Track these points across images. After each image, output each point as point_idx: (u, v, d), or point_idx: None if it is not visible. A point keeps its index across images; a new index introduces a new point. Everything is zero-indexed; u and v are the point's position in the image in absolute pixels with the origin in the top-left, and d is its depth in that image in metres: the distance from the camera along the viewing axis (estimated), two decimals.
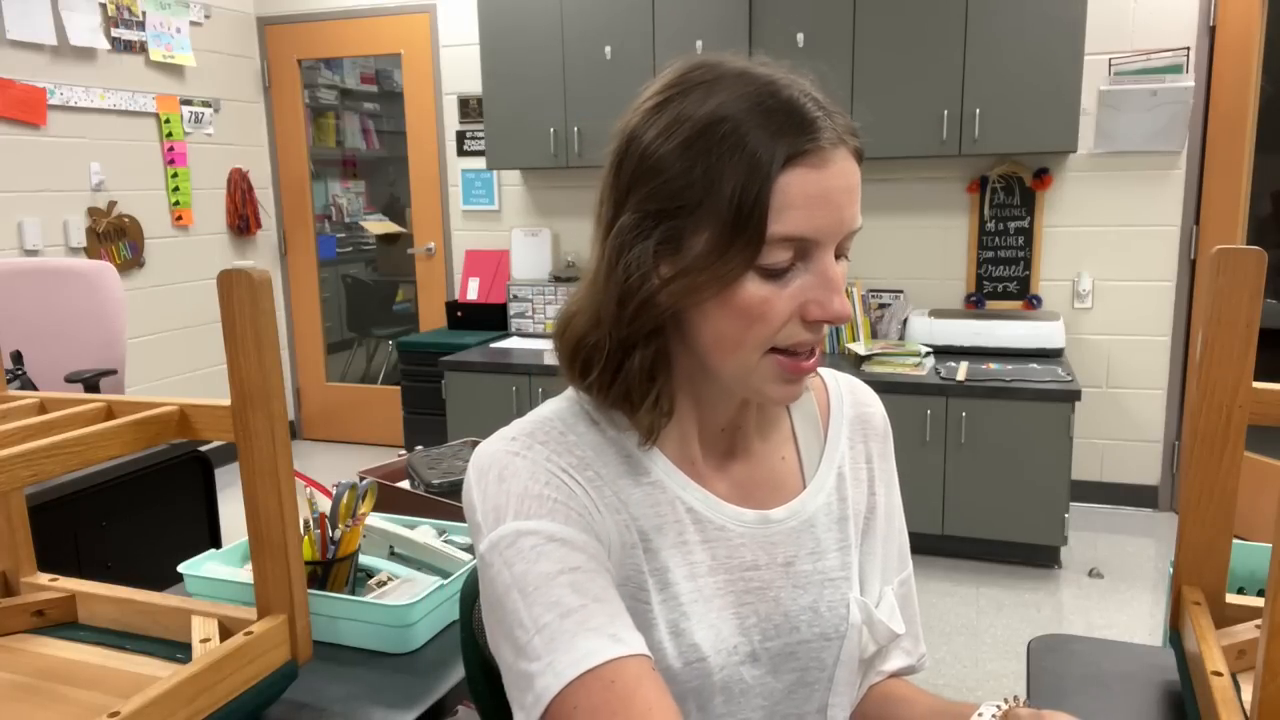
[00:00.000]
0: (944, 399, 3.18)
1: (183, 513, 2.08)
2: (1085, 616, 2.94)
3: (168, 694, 0.85)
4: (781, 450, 0.84)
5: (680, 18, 3.60)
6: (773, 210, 0.66)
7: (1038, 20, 3.22)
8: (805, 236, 0.67)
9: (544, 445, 0.73)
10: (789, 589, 0.78)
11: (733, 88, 0.68)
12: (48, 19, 3.68)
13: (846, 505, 0.83)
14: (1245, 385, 0.88)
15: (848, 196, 0.69)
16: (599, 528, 0.71)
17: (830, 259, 0.69)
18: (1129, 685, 0.99)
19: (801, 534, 0.80)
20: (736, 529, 0.78)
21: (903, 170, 3.78)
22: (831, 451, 0.85)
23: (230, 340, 0.94)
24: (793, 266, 0.69)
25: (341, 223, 5.46)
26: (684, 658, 0.73)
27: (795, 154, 0.66)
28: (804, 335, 0.71)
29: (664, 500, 0.76)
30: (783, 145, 0.66)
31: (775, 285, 0.68)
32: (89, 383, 2.54)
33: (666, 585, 0.74)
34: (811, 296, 0.69)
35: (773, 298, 0.68)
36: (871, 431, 0.88)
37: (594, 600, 0.64)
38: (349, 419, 5.03)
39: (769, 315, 0.69)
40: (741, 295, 0.68)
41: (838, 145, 0.68)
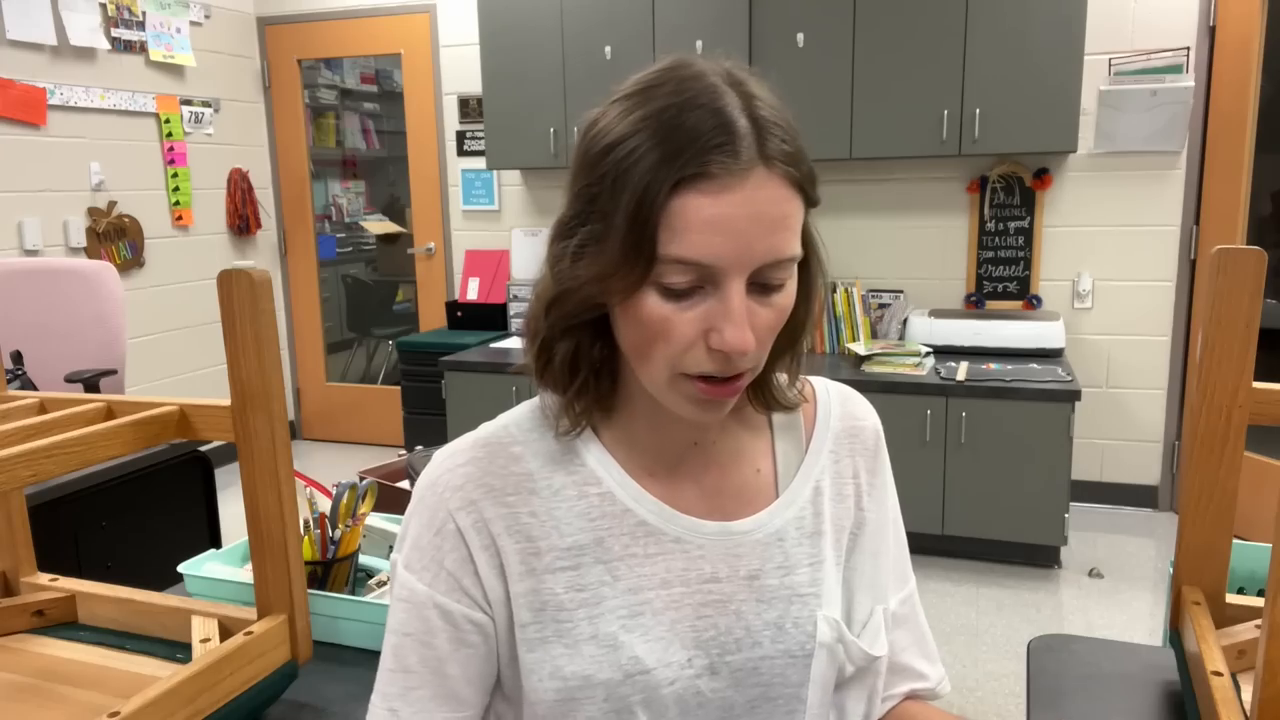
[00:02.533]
0: (944, 399, 3.18)
1: (183, 513, 2.08)
2: (1085, 616, 2.94)
3: (168, 694, 0.85)
4: (757, 463, 0.81)
5: (680, 18, 3.60)
6: (668, 230, 0.64)
7: (1038, 20, 3.22)
8: (700, 262, 0.64)
9: (482, 460, 0.76)
10: (753, 603, 0.76)
11: (668, 95, 0.66)
12: (48, 19, 3.68)
13: (823, 520, 0.80)
14: (1245, 385, 0.88)
15: (761, 225, 0.64)
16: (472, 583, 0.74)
17: (735, 288, 0.65)
18: (1129, 685, 0.99)
19: (769, 547, 0.77)
20: (695, 540, 0.76)
21: (903, 170, 3.78)
22: (810, 465, 0.82)
23: (230, 340, 0.94)
24: (698, 289, 0.66)
25: (341, 223, 5.47)
26: (624, 670, 0.72)
27: (688, 177, 0.63)
28: (710, 364, 0.67)
29: (613, 511, 0.75)
30: (677, 166, 0.63)
31: (676, 306, 0.66)
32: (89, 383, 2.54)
33: (601, 600, 0.73)
34: (713, 324, 0.66)
35: (673, 318, 0.66)
36: (860, 445, 0.84)
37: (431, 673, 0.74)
38: (349, 419, 5.03)
39: (669, 335, 0.67)
40: (643, 309, 0.67)
41: (757, 167, 0.64)
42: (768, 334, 0.69)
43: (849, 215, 3.89)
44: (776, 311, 0.69)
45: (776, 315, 0.69)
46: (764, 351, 0.70)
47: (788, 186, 0.67)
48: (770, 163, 0.65)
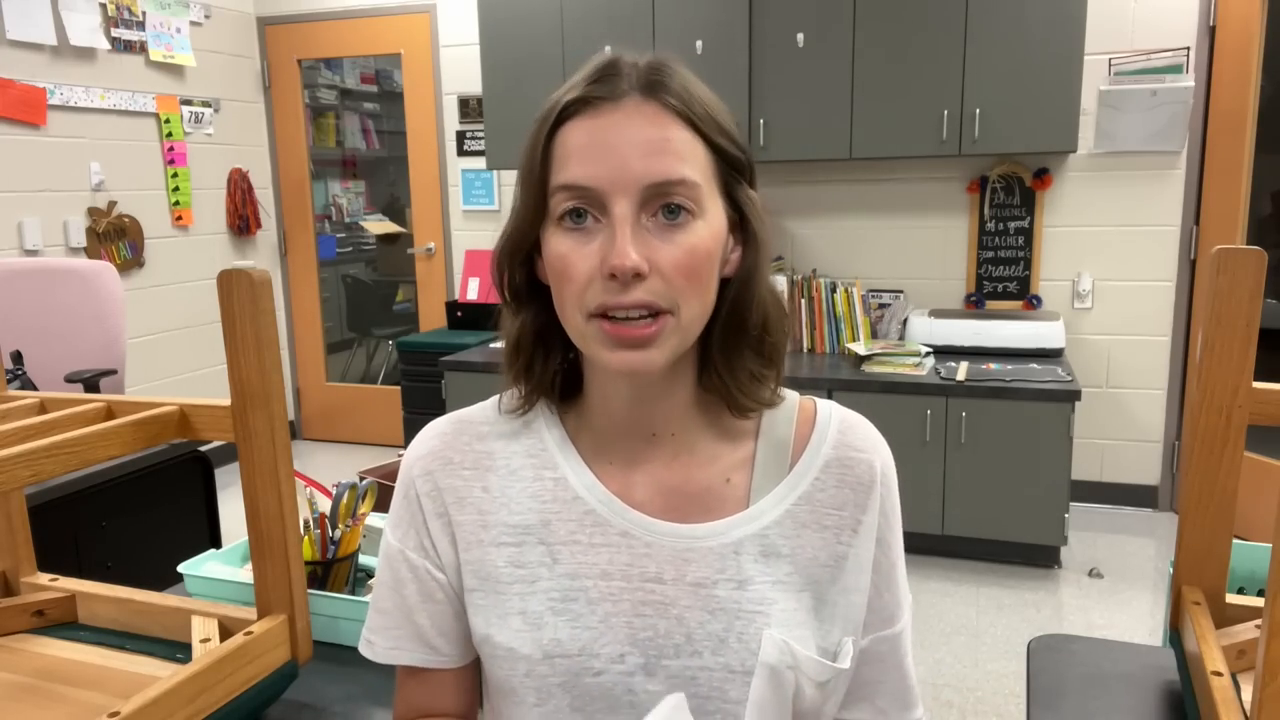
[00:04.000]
0: (944, 399, 3.18)
1: (183, 513, 2.08)
2: (1085, 616, 2.94)
3: (168, 694, 0.85)
4: (730, 472, 0.78)
5: (680, 18, 3.60)
6: (555, 162, 0.70)
7: (1038, 20, 3.22)
8: (580, 184, 0.68)
9: (447, 435, 0.82)
10: (697, 610, 0.74)
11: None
12: (48, 19, 3.68)
13: (787, 544, 0.76)
14: (1245, 385, 0.88)
15: (639, 147, 0.68)
16: (429, 544, 0.80)
17: (620, 210, 0.68)
18: (1129, 685, 0.99)
19: (723, 558, 0.75)
20: (643, 537, 0.76)
21: (903, 170, 3.78)
22: (789, 487, 0.78)
23: (230, 340, 0.94)
24: (590, 218, 0.69)
25: (341, 223, 5.47)
26: (544, 649, 0.74)
27: (571, 103, 0.70)
28: (606, 295, 0.68)
29: (563, 496, 0.78)
30: (562, 99, 0.71)
31: (574, 240, 0.70)
32: (89, 383, 2.54)
33: (536, 579, 0.76)
34: (605, 250, 0.68)
35: (571, 254, 0.69)
36: (854, 478, 0.78)
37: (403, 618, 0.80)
38: (349, 419, 5.03)
39: (571, 272, 0.69)
40: (550, 252, 0.71)
41: (630, 96, 0.69)
42: (678, 273, 0.69)
43: (849, 215, 3.89)
44: (686, 251, 0.69)
45: (686, 254, 0.69)
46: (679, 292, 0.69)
47: (667, 114, 0.70)
48: (648, 94, 0.70)
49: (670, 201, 0.69)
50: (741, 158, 0.75)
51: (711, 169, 0.72)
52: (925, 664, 2.66)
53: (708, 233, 0.71)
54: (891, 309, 3.78)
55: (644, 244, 0.68)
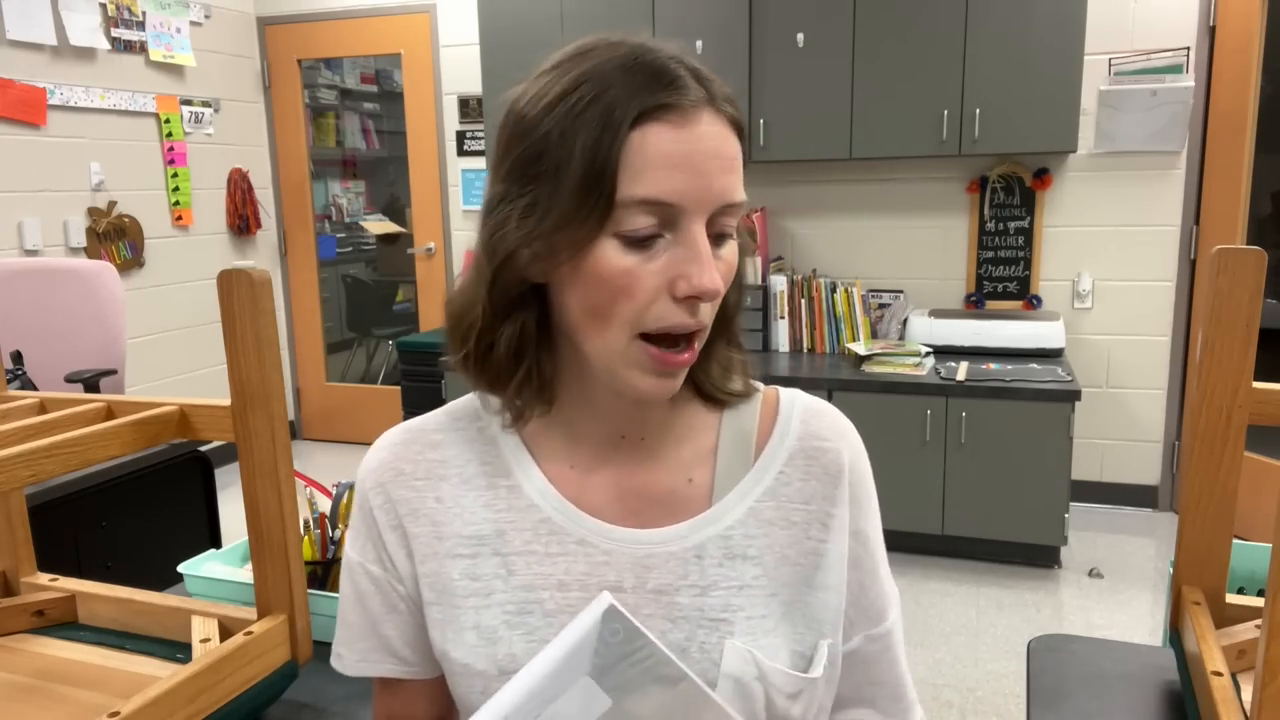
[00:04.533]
0: (944, 399, 3.18)
1: (183, 513, 2.08)
2: (1085, 616, 2.94)
3: (168, 694, 0.85)
4: (692, 471, 0.75)
5: (680, 18, 3.60)
6: (628, 170, 0.62)
7: (1038, 20, 3.22)
8: (664, 201, 0.63)
9: (398, 446, 0.79)
10: (658, 619, 0.71)
11: (604, 53, 0.66)
12: (48, 19, 3.68)
13: (753, 544, 0.73)
14: (1245, 385, 0.88)
15: (717, 163, 0.64)
16: (386, 557, 0.78)
17: (699, 229, 0.64)
18: (1129, 685, 0.99)
19: (686, 563, 0.72)
20: (601, 545, 0.72)
21: (903, 170, 3.78)
22: (753, 483, 0.74)
23: (230, 340, 0.94)
24: (659, 236, 0.64)
25: (341, 223, 5.47)
26: (499, 665, 0.71)
27: (651, 108, 0.63)
28: (676, 317, 0.65)
29: (518, 506, 0.74)
30: (638, 100, 0.63)
31: (639, 256, 0.64)
32: (89, 383, 2.54)
33: (491, 592, 0.73)
34: (679, 271, 0.64)
35: (636, 269, 0.64)
36: (820, 469, 0.75)
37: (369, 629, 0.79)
38: (349, 419, 5.03)
39: (633, 289, 0.64)
40: (601, 264, 0.64)
41: (704, 107, 0.64)
42: (722, 286, 0.67)
43: (849, 215, 3.89)
44: (727, 266, 0.67)
45: (728, 270, 0.68)
46: (714, 308, 0.69)
47: (731, 130, 0.66)
48: (716, 105, 0.66)
49: (725, 226, 0.66)
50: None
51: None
52: (925, 664, 2.66)
53: (735, 245, 0.69)
54: (891, 309, 3.78)
55: None
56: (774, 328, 3.77)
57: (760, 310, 3.75)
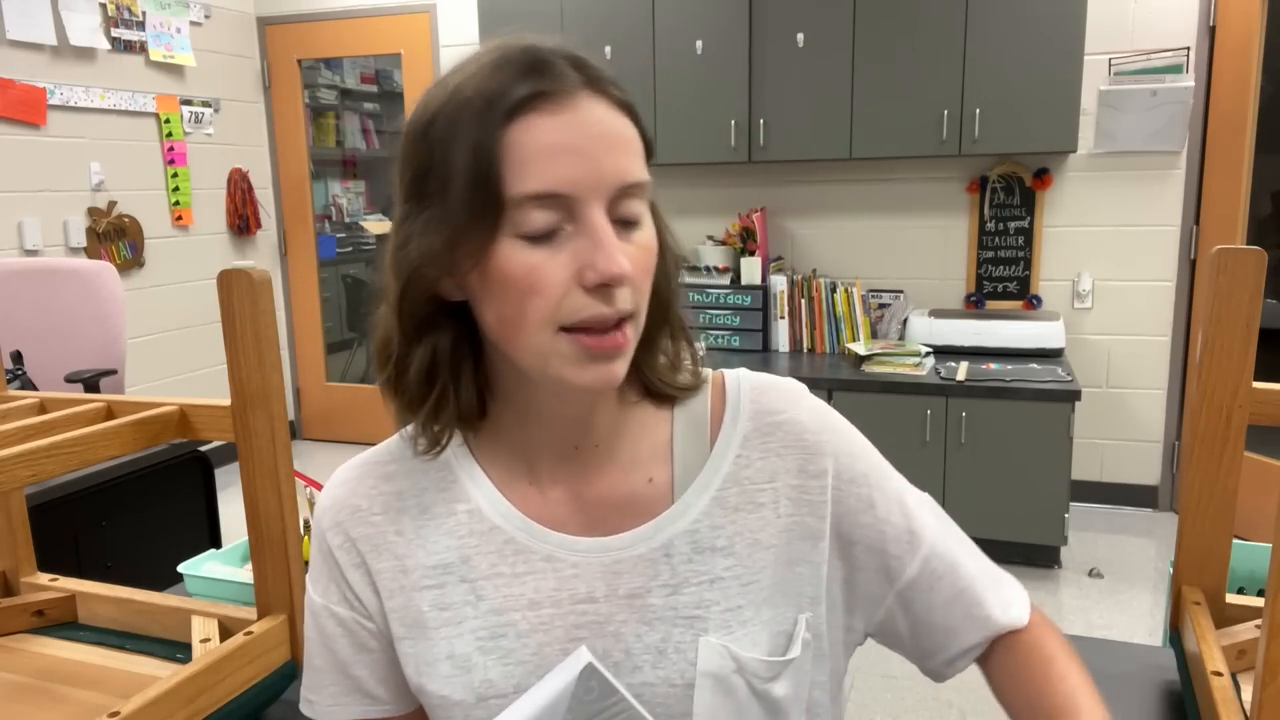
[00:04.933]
0: (944, 399, 3.18)
1: (183, 513, 2.08)
2: (1085, 616, 2.94)
3: (168, 694, 0.85)
4: (651, 470, 0.73)
5: (680, 18, 3.60)
6: (512, 167, 0.60)
7: (1038, 20, 3.22)
8: (555, 192, 0.60)
9: (352, 482, 0.77)
10: (633, 624, 0.70)
11: (478, 58, 0.65)
12: (48, 19, 3.68)
13: (721, 534, 0.71)
14: (1245, 385, 0.88)
15: (605, 144, 0.62)
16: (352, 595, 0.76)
17: (598, 215, 0.61)
18: (1129, 685, 0.99)
19: (655, 564, 0.70)
20: (569, 559, 0.71)
21: (903, 170, 3.78)
22: (712, 472, 0.72)
23: (230, 340, 0.94)
24: (560, 229, 0.62)
25: (341, 223, 5.47)
26: (477, 692, 0.70)
27: (524, 99, 0.61)
28: (592, 308, 0.62)
29: (480, 529, 0.73)
30: (510, 94, 0.61)
31: (542, 252, 0.62)
32: (89, 383, 2.54)
33: (462, 620, 0.72)
34: (584, 260, 0.61)
35: (541, 266, 0.61)
36: (778, 444, 0.73)
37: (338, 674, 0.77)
38: (349, 419, 5.03)
39: (541, 286, 0.62)
40: (505, 267, 0.62)
41: (582, 90, 0.62)
42: (641, 275, 0.65)
43: (849, 215, 3.89)
44: (642, 250, 0.65)
45: (644, 254, 0.65)
46: (639, 294, 0.65)
47: (618, 110, 0.64)
48: (596, 85, 0.63)
49: (628, 210, 0.64)
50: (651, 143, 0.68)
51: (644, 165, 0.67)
52: None
53: (651, 231, 0.66)
54: (891, 309, 3.78)
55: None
56: (774, 328, 3.77)
57: (760, 310, 3.75)
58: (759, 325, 3.75)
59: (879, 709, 2.46)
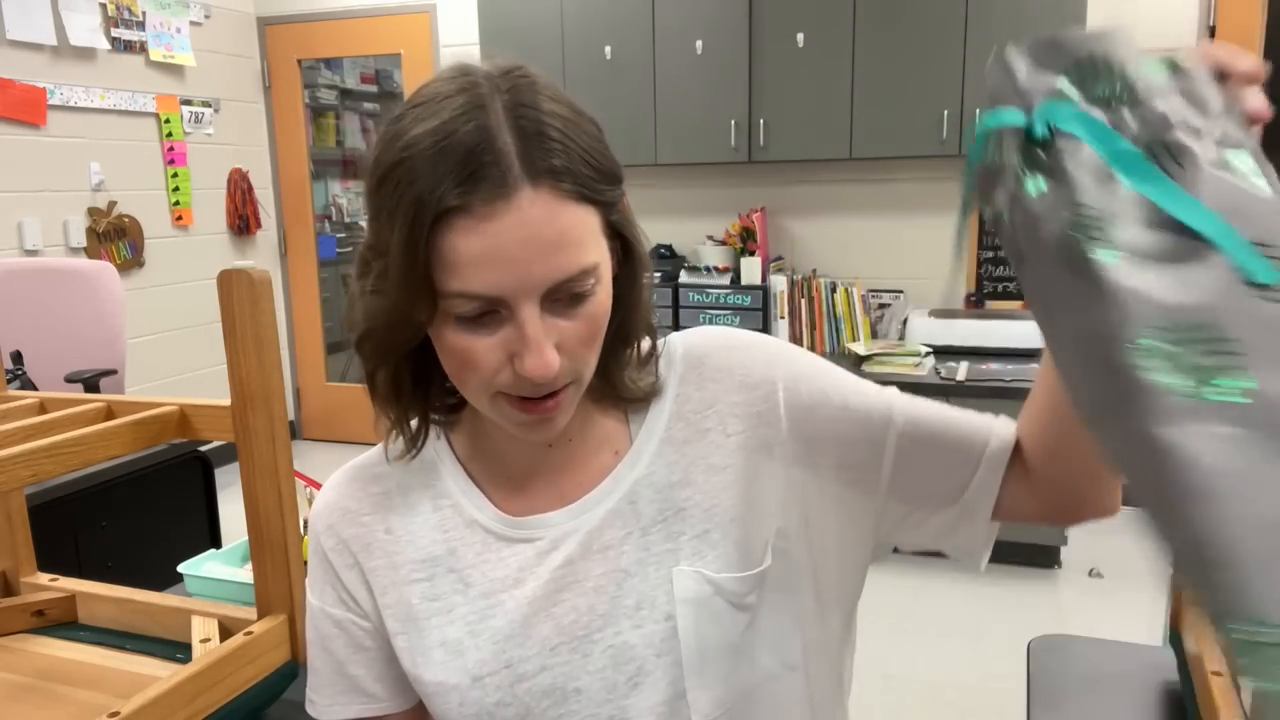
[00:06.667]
0: (944, 399, 3.17)
1: (183, 513, 2.08)
2: (1085, 616, 2.94)
3: (168, 694, 0.85)
4: (615, 444, 0.76)
5: (680, 18, 3.60)
6: (441, 267, 0.61)
7: (1038, 20, 3.22)
8: (482, 294, 0.61)
9: (342, 486, 0.81)
10: (611, 574, 0.73)
11: (432, 118, 0.61)
12: (48, 19, 3.68)
13: (675, 469, 0.74)
14: None
15: (535, 249, 0.60)
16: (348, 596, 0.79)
17: (527, 315, 0.62)
18: (1129, 685, 0.99)
19: (622, 514, 0.74)
20: (548, 534, 0.74)
21: (903, 170, 3.77)
22: (656, 415, 0.76)
23: (230, 340, 0.94)
24: (494, 313, 0.62)
25: (341, 223, 5.46)
26: (470, 674, 0.73)
27: (448, 211, 0.59)
28: (522, 388, 0.64)
29: (460, 523, 0.76)
30: (436, 197, 0.59)
31: (475, 335, 0.63)
32: (89, 383, 2.54)
33: (453, 608, 0.75)
34: (514, 349, 0.63)
35: (475, 346, 0.63)
36: (711, 370, 0.76)
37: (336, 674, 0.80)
38: (349, 419, 5.03)
39: (474, 364, 0.64)
40: (444, 339, 0.64)
41: (519, 189, 0.60)
42: (581, 345, 0.66)
43: (849, 215, 3.89)
44: (587, 321, 0.65)
45: (588, 324, 0.65)
46: (583, 362, 0.67)
47: (562, 200, 0.61)
48: (538, 180, 0.60)
49: (570, 293, 0.63)
50: (614, 188, 0.66)
51: (600, 226, 0.65)
52: (925, 664, 2.66)
53: (604, 292, 0.66)
54: (891, 309, 3.78)
55: (551, 330, 0.63)
56: (774, 328, 3.77)
57: (760, 310, 3.75)
58: (759, 325, 3.75)
59: (879, 709, 2.46)
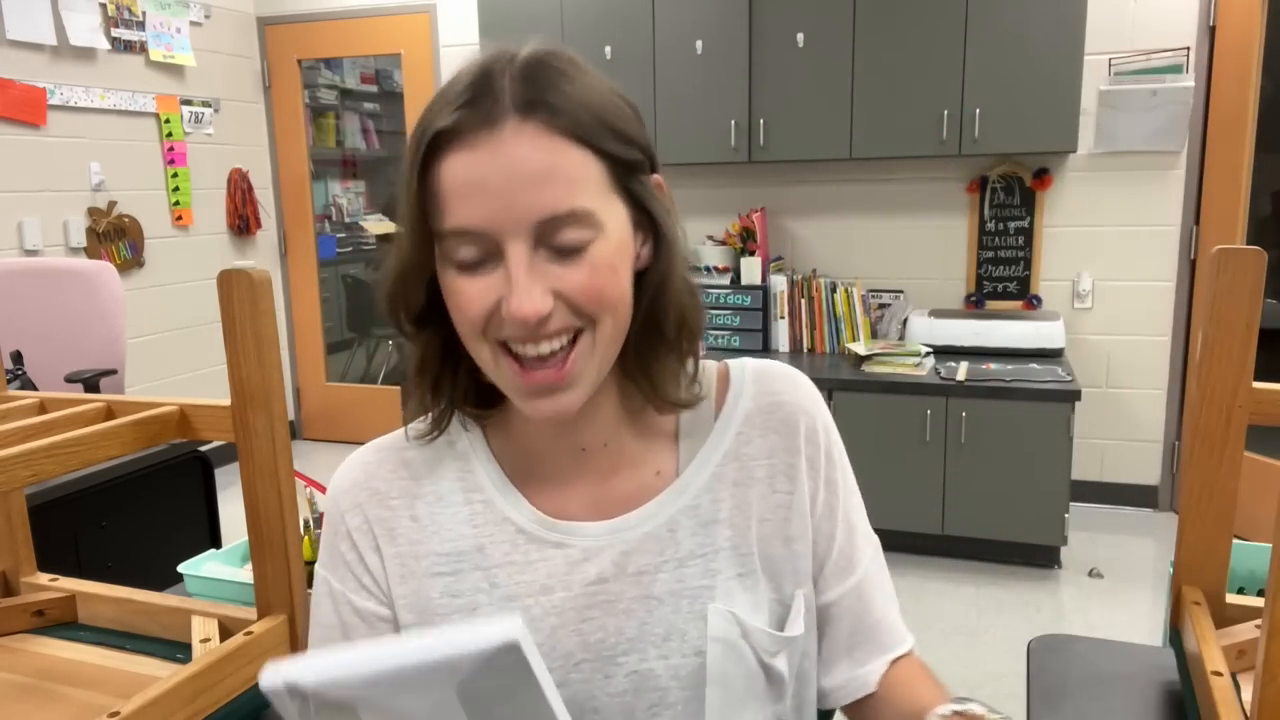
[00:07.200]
0: (944, 399, 3.18)
1: (183, 513, 2.08)
2: (1085, 616, 2.94)
3: (168, 694, 0.85)
4: (659, 464, 0.75)
5: (680, 18, 3.60)
6: (436, 202, 0.63)
7: (1038, 20, 3.22)
8: (470, 229, 0.62)
9: (371, 465, 0.78)
10: (643, 600, 0.72)
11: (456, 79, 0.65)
12: (48, 19, 3.68)
13: (721, 507, 0.74)
14: (1245, 385, 0.88)
15: (520, 180, 0.60)
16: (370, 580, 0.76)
17: (513, 252, 0.62)
18: (1129, 685, 0.99)
19: (660, 540, 0.73)
20: (579, 544, 0.73)
21: (903, 170, 3.77)
22: (711, 448, 0.75)
23: (230, 340, 0.94)
24: (490, 260, 0.63)
25: (341, 223, 5.47)
26: None
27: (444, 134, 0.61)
28: (510, 329, 0.64)
29: (492, 519, 0.75)
30: (434, 128, 0.62)
31: (472, 278, 0.64)
32: (89, 383, 2.54)
33: (476, 608, 0.73)
34: (503, 293, 0.63)
35: (466, 289, 0.64)
36: (778, 422, 0.75)
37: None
38: (349, 419, 5.03)
39: (465, 308, 0.65)
40: (445, 286, 0.66)
41: (507, 119, 0.61)
42: (585, 297, 0.64)
43: (849, 215, 3.89)
44: (589, 272, 0.63)
45: (591, 276, 0.64)
46: (587, 319, 0.65)
47: (552, 135, 0.61)
48: (529, 113, 0.61)
49: (563, 241, 0.63)
50: (638, 157, 0.67)
51: (606, 179, 0.65)
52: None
53: (610, 249, 0.65)
54: (891, 309, 3.78)
55: (544, 275, 0.63)
56: (774, 328, 3.77)
57: (760, 310, 3.74)
58: (759, 325, 3.75)
59: None
